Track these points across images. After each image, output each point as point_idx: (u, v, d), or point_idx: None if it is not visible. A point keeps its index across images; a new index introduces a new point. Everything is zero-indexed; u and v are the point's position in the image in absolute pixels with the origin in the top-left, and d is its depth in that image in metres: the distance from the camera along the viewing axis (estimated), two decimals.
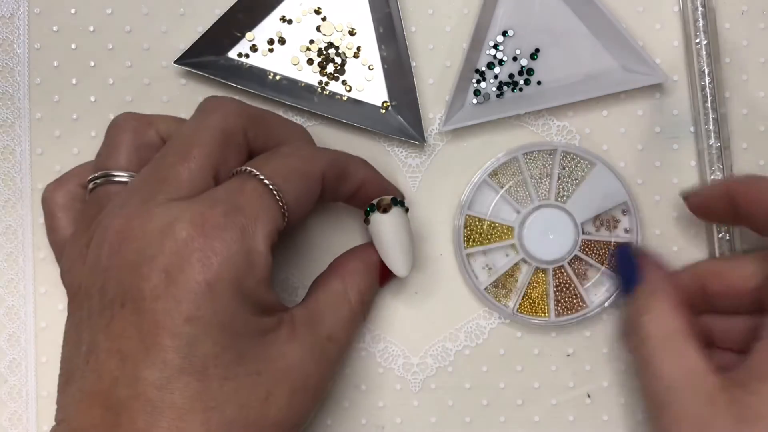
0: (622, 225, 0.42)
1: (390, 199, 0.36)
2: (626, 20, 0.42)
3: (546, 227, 0.41)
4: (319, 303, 0.35)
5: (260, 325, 0.31)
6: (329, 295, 0.35)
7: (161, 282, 0.29)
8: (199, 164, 0.32)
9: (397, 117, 0.42)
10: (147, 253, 0.29)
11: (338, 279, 0.36)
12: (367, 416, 0.42)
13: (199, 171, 0.32)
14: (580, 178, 0.41)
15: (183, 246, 0.29)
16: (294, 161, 0.33)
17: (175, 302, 0.28)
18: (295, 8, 0.42)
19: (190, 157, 0.32)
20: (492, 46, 0.42)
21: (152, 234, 0.29)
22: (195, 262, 0.29)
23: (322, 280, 0.36)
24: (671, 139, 0.43)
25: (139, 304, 0.29)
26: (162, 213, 0.30)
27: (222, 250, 0.29)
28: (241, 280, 0.29)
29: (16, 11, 0.41)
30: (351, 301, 0.36)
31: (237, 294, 0.29)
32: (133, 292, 0.29)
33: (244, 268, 0.30)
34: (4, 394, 0.41)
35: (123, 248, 0.30)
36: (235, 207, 0.30)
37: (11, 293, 0.41)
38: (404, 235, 0.36)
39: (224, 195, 0.31)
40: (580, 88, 0.42)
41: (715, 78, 0.41)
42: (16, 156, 0.41)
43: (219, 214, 0.30)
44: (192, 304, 0.29)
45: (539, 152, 0.42)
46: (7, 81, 0.41)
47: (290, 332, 0.32)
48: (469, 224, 0.41)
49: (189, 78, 0.42)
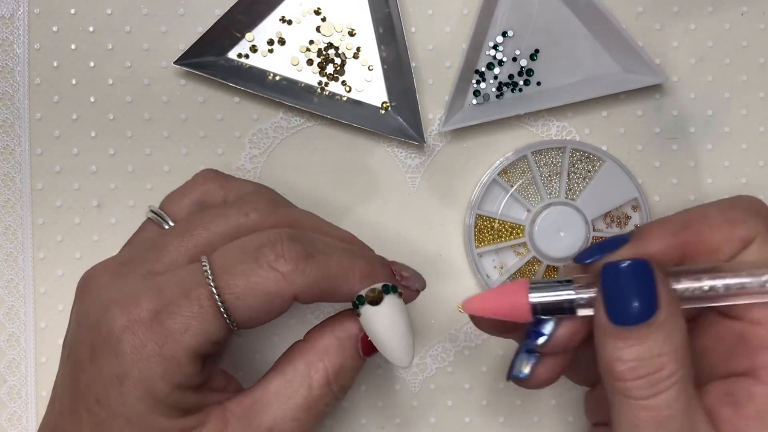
0: (632, 221, 0.42)
1: (380, 288, 0.31)
2: (626, 20, 0.42)
3: (557, 225, 0.41)
4: (269, 389, 0.31)
5: (176, 425, 0.29)
6: (284, 379, 0.31)
7: (87, 356, 0.29)
8: (193, 244, 0.31)
9: (396, 117, 0.42)
10: (88, 320, 0.29)
11: (302, 359, 0.31)
12: (367, 416, 0.42)
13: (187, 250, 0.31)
14: (589, 176, 0.42)
15: (109, 329, 0.28)
16: (263, 276, 0.29)
17: (92, 380, 0.29)
18: (295, 9, 0.42)
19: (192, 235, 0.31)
20: (492, 47, 0.42)
21: (100, 302, 0.29)
22: (110, 350, 0.28)
23: (284, 360, 0.32)
24: (671, 139, 0.43)
25: (75, 366, 0.29)
26: (119, 284, 0.30)
27: (135, 350, 0.28)
28: (152, 383, 0.28)
29: (16, 11, 0.41)
30: (312, 386, 0.31)
31: (145, 395, 0.28)
32: (73, 352, 0.30)
33: (159, 372, 0.28)
34: (3, 394, 0.41)
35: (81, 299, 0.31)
36: (169, 310, 0.28)
37: (11, 293, 0.41)
38: (401, 324, 0.31)
39: (171, 288, 0.29)
40: (579, 89, 0.42)
41: None
42: (16, 156, 0.41)
43: (150, 310, 0.28)
44: (101, 388, 0.28)
45: (548, 150, 0.42)
46: (7, 81, 0.41)
47: (218, 428, 0.30)
48: (480, 223, 0.41)
49: (189, 78, 0.42)
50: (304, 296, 0.30)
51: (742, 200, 0.31)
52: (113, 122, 0.42)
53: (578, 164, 0.42)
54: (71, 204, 0.42)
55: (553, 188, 0.42)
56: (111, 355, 0.28)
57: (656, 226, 0.30)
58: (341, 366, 0.31)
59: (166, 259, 0.31)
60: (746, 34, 0.43)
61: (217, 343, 0.29)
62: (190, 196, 0.35)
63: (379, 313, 0.30)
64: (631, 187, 0.41)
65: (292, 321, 0.42)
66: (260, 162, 0.42)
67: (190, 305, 0.28)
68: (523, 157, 0.41)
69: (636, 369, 0.27)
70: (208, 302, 0.29)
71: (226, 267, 0.29)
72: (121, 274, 0.30)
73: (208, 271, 0.29)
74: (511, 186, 0.42)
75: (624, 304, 0.27)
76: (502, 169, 0.41)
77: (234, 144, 0.42)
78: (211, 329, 0.29)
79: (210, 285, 0.29)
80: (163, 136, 0.42)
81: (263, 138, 0.42)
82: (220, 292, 0.29)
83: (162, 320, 0.28)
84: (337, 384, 0.31)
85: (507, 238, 0.41)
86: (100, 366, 0.28)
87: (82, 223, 0.42)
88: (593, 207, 0.41)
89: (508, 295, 0.30)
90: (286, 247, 0.29)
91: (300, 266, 0.29)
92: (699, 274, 0.29)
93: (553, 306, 0.29)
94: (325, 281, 0.30)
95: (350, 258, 0.31)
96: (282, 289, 0.29)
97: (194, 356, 0.29)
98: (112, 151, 0.42)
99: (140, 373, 0.28)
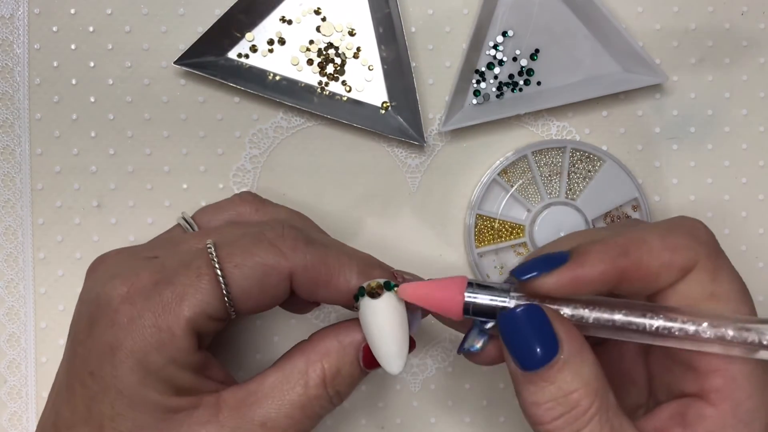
0: None
1: (381, 283, 0.31)
2: (626, 20, 0.42)
3: (557, 225, 0.41)
4: (266, 383, 0.30)
5: (167, 402, 0.29)
6: (282, 375, 0.30)
7: (85, 329, 0.29)
8: (204, 245, 0.31)
9: (396, 117, 0.42)
10: (89, 295, 0.30)
11: (302, 357, 0.31)
12: (367, 416, 0.42)
13: (199, 247, 0.31)
14: (589, 175, 0.42)
15: (108, 300, 0.29)
16: (262, 249, 0.30)
17: (87, 352, 0.29)
18: (295, 9, 0.42)
19: (205, 236, 0.32)
20: (492, 47, 0.42)
21: (103, 277, 0.30)
22: (107, 321, 0.29)
23: (285, 357, 0.32)
24: (671, 139, 0.43)
25: (74, 340, 0.30)
26: (125, 264, 0.30)
27: (131, 319, 0.28)
28: (145, 354, 0.28)
29: (16, 11, 0.41)
30: (308, 384, 0.30)
31: (138, 365, 0.28)
32: (73, 327, 0.30)
33: (152, 343, 0.28)
34: (4, 395, 0.41)
35: (89, 277, 0.32)
36: (168, 279, 0.29)
37: (11, 293, 0.41)
38: (396, 325, 0.30)
39: (172, 262, 0.30)
40: (580, 89, 0.42)
41: None
42: (16, 156, 0.41)
43: (150, 281, 0.29)
44: (95, 360, 0.28)
45: (548, 150, 0.42)
46: (7, 81, 0.41)
47: (210, 414, 0.29)
48: (480, 223, 0.41)
49: (189, 78, 0.42)
50: (301, 278, 0.30)
51: (683, 224, 0.30)
52: (113, 122, 0.42)
53: (578, 164, 0.42)
54: (71, 204, 0.42)
55: (554, 188, 0.42)
56: (107, 325, 0.28)
57: (596, 249, 0.29)
58: (339, 369, 0.31)
59: (176, 249, 0.31)
60: (746, 34, 0.43)
61: (213, 320, 0.29)
62: (225, 213, 0.35)
63: (376, 308, 0.30)
64: (631, 187, 0.41)
65: (292, 321, 0.42)
66: (260, 162, 0.42)
67: (189, 274, 0.29)
68: (523, 157, 0.41)
69: (552, 410, 0.27)
70: (206, 270, 0.29)
71: (228, 242, 0.30)
72: (129, 257, 0.31)
73: (211, 246, 0.30)
74: (511, 186, 0.42)
75: (526, 349, 0.28)
76: (502, 169, 0.41)
77: (234, 144, 0.42)
78: (207, 299, 0.29)
79: (211, 254, 0.29)
80: (163, 136, 0.42)
81: (263, 138, 0.42)
82: (219, 260, 0.29)
83: (160, 290, 0.29)
84: (333, 387, 0.31)
85: (507, 238, 0.41)
86: (96, 337, 0.29)
87: (82, 223, 0.42)
88: (593, 207, 0.41)
89: (444, 289, 0.30)
90: (287, 229, 0.31)
91: (299, 246, 0.30)
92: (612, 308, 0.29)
93: (486, 310, 0.29)
94: (322, 267, 0.30)
95: (349, 255, 0.31)
96: (279, 264, 0.29)
97: (189, 329, 0.29)
98: (112, 151, 0.42)
99: (133, 343, 0.28)
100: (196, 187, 0.42)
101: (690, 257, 0.29)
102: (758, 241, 0.43)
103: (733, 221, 0.43)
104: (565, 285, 0.28)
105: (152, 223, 0.42)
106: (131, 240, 0.41)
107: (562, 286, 0.28)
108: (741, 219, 0.43)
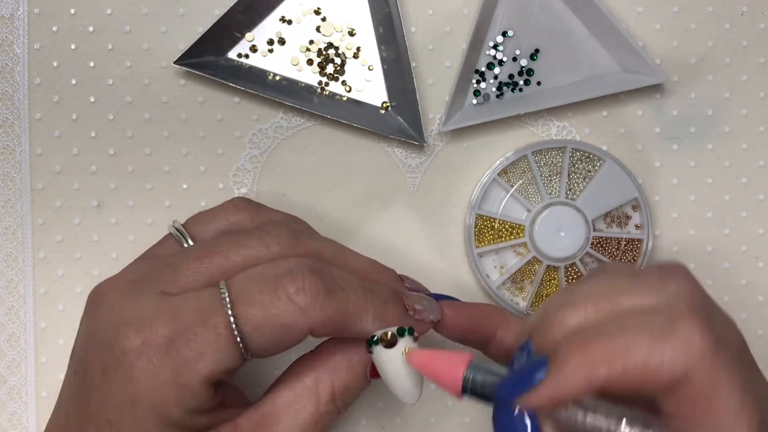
0: (632, 221, 0.42)
1: (396, 331, 0.31)
2: (626, 20, 0.42)
3: (557, 225, 0.41)
4: (278, 403, 0.30)
5: None
6: (293, 394, 0.31)
7: (98, 375, 0.29)
8: (211, 271, 0.31)
9: (396, 117, 0.42)
10: (98, 338, 0.29)
11: (311, 373, 0.31)
12: (367, 416, 0.42)
13: (203, 275, 0.31)
14: (589, 175, 0.42)
15: (122, 351, 0.28)
16: (281, 308, 0.29)
17: (104, 400, 0.28)
18: (295, 9, 0.42)
19: (211, 262, 0.31)
20: (492, 47, 0.42)
21: (112, 320, 0.29)
22: (123, 373, 0.28)
23: (292, 372, 0.32)
24: (671, 139, 0.43)
25: (85, 382, 0.29)
26: (133, 303, 0.29)
27: (149, 375, 0.28)
28: (166, 408, 0.28)
29: (16, 11, 0.41)
30: (320, 401, 0.31)
31: (159, 420, 0.28)
32: (83, 368, 0.29)
33: (172, 398, 0.28)
34: (4, 395, 0.41)
35: (93, 314, 0.30)
36: (185, 336, 0.28)
37: (11, 293, 0.41)
38: (413, 368, 0.31)
39: (187, 313, 0.29)
40: (580, 89, 0.42)
41: None
42: (16, 156, 0.41)
43: (165, 336, 0.28)
44: (113, 409, 0.28)
45: (548, 150, 0.42)
46: (7, 81, 0.41)
47: None
48: (480, 223, 0.41)
49: (189, 78, 0.42)
50: (319, 331, 0.29)
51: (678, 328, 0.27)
52: (113, 122, 0.42)
53: (578, 164, 0.42)
54: (71, 204, 0.41)
55: (554, 188, 0.42)
56: (124, 377, 0.28)
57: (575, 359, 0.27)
58: (347, 386, 0.31)
59: (182, 282, 0.30)
60: (746, 34, 0.43)
61: (231, 372, 0.29)
62: (218, 223, 0.34)
63: (391, 354, 0.30)
64: (631, 187, 0.41)
65: None
66: (260, 162, 0.42)
67: (207, 333, 0.28)
68: (523, 157, 0.41)
69: None
70: (225, 331, 0.28)
71: (245, 296, 0.29)
72: (135, 292, 0.30)
73: (226, 299, 0.29)
74: (511, 186, 0.42)
75: None
76: (502, 169, 0.41)
77: (234, 144, 0.42)
78: (225, 358, 0.28)
79: (228, 314, 0.28)
80: (163, 136, 0.42)
81: (263, 138, 0.42)
82: (238, 322, 0.28)
83: (177, 347, 0.28)
84: (341, 401, 0.31)
85: (507, 238, 0.41)
86: (112, 387, 0.28)
87: (82, 223, 0.42)
88: (593, 207, 0.41)
89: (447, 363, 0.30)
90: (307, 280, 0.29)
91: (319, 301, 0.29)
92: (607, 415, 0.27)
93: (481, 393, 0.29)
94: (340, 318, 0.30)
95: (365, 296, 0.31)
96: (299, 323, 0.29)
97: (208, 384, 0.29)
98: (112, 151, 0.42)
99: (154, 398, 0.28)
100: (196, 187, 0.42)
101: (676, 371, 0.26)
102: (758, 241, 0.43)
103: (733, 221, 0.43)
104: (547, 401, 0.27)
105: (152, 223, 0.42)
106: (131, 240, 0.41)
107: (545, 403, 0.27)
108: (741, 219, 0.43)
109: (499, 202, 0.42)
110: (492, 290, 0.41)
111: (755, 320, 0.43)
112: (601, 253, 0.41)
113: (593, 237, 0.41)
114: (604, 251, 0.41)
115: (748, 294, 0.43)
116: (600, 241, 0.41)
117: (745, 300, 0.43)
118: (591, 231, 0.41)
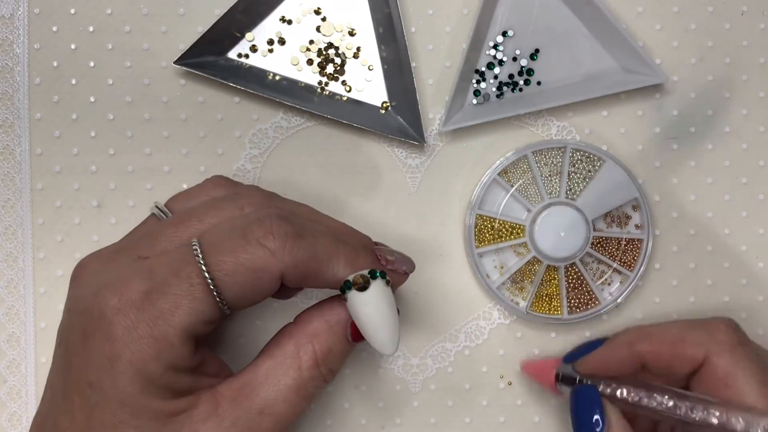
0: (633, 221, 0.42)
1: (367, 274, 0.31)
2: (626, 20, 0.42)
3: (557, 225, 0.41)
4: (259, 371, 0.31)
5: (167, 407, 0.29)
6: (274, 361, 0.31)
7: (79, 340, 0.29)
8: (187, 234, 0.31)
9: (396, 117, 0.42)
10: (78, 305, 0.30)
11: (291, 341, 0.32)
12: (367, 416, 0.42)
13: (180, 239, 0.31)
14: (590, 175, 0.42)
15: (101, 312, 0.28)
16: (251, 251, 0.29)
17: (84, 363, 0.29)
18: (295, 8, 0.42)
19: (186, 227, 0.31)
20: (492, 47, 0.42)
21: (91, 287, 0.30)
22: (102, 333, 0.28)
23: (273, 343, 0.32)
24: (671, 139, 0.43)
25: (67, 350, 0.30)
26: (110, 269, 0.30)
27: (127, 330, 0.28)
28: (144, 364, 0.28)
29: (16, 11, 0.41)
30: (301, 367, 0.31)
31: (137, 376, 0.28)
32: (65, 337, 0.30)
33: (150, 353, 0.28)
34: (3, 395, 0.41)
35: (74, 286, 0.31)
36: (160, 289, 0.29)
37: (11, 293, 0.41)
38: (387, 311, 0.31)
39: (161, 268, 0.29)
40: (580, 89, 0.42)
41: None
42: (16, 156, 0.41)
43: (141, 291, 0.28)
44: (93, 371, 0.28)
45: (548, 150, 0.42)
46: (7, 81, 0.41)
47: (210, 410, 0.30)
48: (480, 223, 0.41)
49: (189, 78, 0.42)
50: (290, 275, 0.30)
51: (707, 324, 0.36)
52: (113, 122, 0.42)
53: (578, 164, 0.42)
54: (71, 204, 0.42)
55: (554, 188, 0.42)
56: (103, 337, 0.28)
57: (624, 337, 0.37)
58: (330, 349, 0.32)
59: (158, 247, 0.31)
60: (746, 34, 0.43)
61: (208, 323, 0.29)
62: (198, 200, 0.34)
63: (364, 299, 0.31)
64: (631, 187, 0.41)
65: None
66: (260, 162, 0.42)
67: (180, 284, 0.29)
68: (524, 157, 0.41)
69: None
70: (198, 279, 0.29)
71: (216, 245, 0.29)
72: (112, 260, 0.31)
73: (197, 250, 0.29)
74: (512, 186, 0.42)
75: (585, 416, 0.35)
76: (503, 169, 0.41)
77: (234, 144, 0.42)
78: (201, 307, 0.29)
79: (200, 263, 0.29)
80: (163, 136, 0.42)
81: (263, 138, 0.42)
82: (210, 269, 0.29)
83: (153, 300, 0.28)
84: (325, 366, 0.32)
85: (507, 238, 0.41)
86: (92, 349, 0.28)
87: (82, 223, 0.42)
88: (593, 207, 0.41)
89: (545, 366, 0.39)
90: (275, 224, 0.30)
91: (288, 243, 0.30)
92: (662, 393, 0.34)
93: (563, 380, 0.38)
94: (311, 262, 0.30)
95: (335, 244, 0.31)
96: (270, 266, 0.29)
97: (186, 337, 0.29)
98: (112, 151, 0.42)
99: (132, 354, 0.28)
100: None
101: (698, 352, 0.34)
102: (758, 241, 0.43)
103: (733, 221, 0.43)
104: (599, 362, 0.36)
105: None
106: None
107: (594, 366, 0.36)
108: (741, 219, 0.43)
109: (499, 202, 0.42)
110: (492, 290, 0.41)
111: (755, 320, 0.43)
112: (601, 253, 0.41)
113: (593, 237, 0.41)
114: (604, 251, 0.41)
115: (748, 294, 0.43)
116: (600, 241, 0.41)
117: (745, 300, 0.43)
118: (591, 231, 0.41)
